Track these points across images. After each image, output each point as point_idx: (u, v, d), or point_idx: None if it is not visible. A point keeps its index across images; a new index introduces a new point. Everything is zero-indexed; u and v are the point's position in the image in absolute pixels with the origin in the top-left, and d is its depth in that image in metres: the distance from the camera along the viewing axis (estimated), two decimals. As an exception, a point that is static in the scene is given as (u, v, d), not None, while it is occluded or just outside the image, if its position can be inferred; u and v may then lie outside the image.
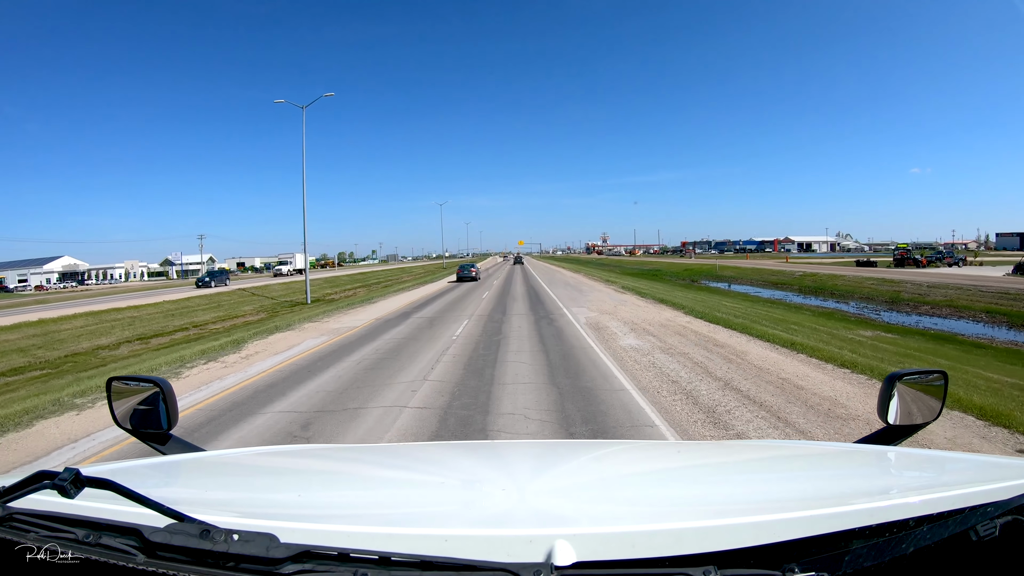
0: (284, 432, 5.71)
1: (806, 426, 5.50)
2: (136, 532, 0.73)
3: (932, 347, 11.87)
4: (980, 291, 22.41)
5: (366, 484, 1.34)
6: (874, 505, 0.84)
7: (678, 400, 6.54)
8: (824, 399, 6.41)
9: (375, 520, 0.95)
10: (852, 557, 0.73)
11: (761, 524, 0.78)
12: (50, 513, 0.78)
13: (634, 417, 5.88)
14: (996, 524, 0.74)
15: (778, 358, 8.82)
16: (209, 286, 40.39)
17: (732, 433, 5.36)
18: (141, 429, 1.51)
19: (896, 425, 1.44)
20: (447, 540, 0.76)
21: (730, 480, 1.33)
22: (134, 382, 1.57)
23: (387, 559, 0.70)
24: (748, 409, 6.08)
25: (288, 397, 7.18)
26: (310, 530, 0.78)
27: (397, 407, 6.43)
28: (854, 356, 8.79)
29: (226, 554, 0.70)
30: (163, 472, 1.33)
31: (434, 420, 5.94)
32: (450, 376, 8.02)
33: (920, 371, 1.55)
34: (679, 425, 5.63)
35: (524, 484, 1.22)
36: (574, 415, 5.97)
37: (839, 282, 30.43)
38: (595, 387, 7.17)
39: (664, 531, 0.80)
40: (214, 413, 6.49)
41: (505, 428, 5.61)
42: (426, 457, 1.67)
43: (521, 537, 0.77)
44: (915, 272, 36.00)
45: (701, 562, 0.71)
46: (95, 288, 63.24)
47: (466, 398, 6.79)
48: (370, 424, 5.89)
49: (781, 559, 0.73)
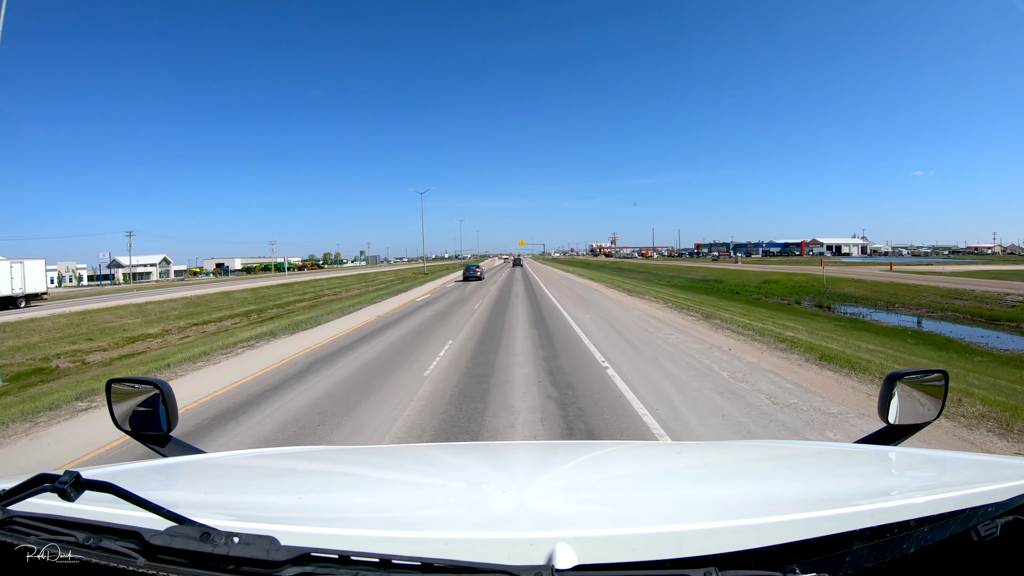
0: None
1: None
2: (136, 535, 0.73)
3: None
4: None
5: (366, 486, 1.34)
6: (875, 506, 0.84)
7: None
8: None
9: (375, 523, 0.95)
10: (853, 558, 0.73)
11: (763, 526, 0.78)
12: (50, 516, 0.78)
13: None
14: (997, 524, 0.74)
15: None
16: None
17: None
18: (141, 431, 1.50)
19: (897, 425, 1.44)
20: (448, 543, 0.76)
21: (731, 481, 1.33)
22: (134, 384, 1.56)
23: (387, 562, 0.70)
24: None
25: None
26: (310, 533, 0.78)
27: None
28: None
29: (226, 557, 0.70)
30: (163, 474, 1.33)
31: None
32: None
33: (920, 371, 1.56)
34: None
35: (524, 486, 1.21)
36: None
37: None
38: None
39: (665, 533, 0.79)
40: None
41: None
42: (426, 459, 1.67)
43: (522, 540, 0.77)
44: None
45: (702, 564, 0.71)
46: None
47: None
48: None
49: (783, 560, 0.73)
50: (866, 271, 41.37)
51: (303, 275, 74.86)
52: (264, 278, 67.22)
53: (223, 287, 42.20)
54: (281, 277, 67.25)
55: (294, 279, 58.06)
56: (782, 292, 28.86)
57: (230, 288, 40.11)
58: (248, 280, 62.01)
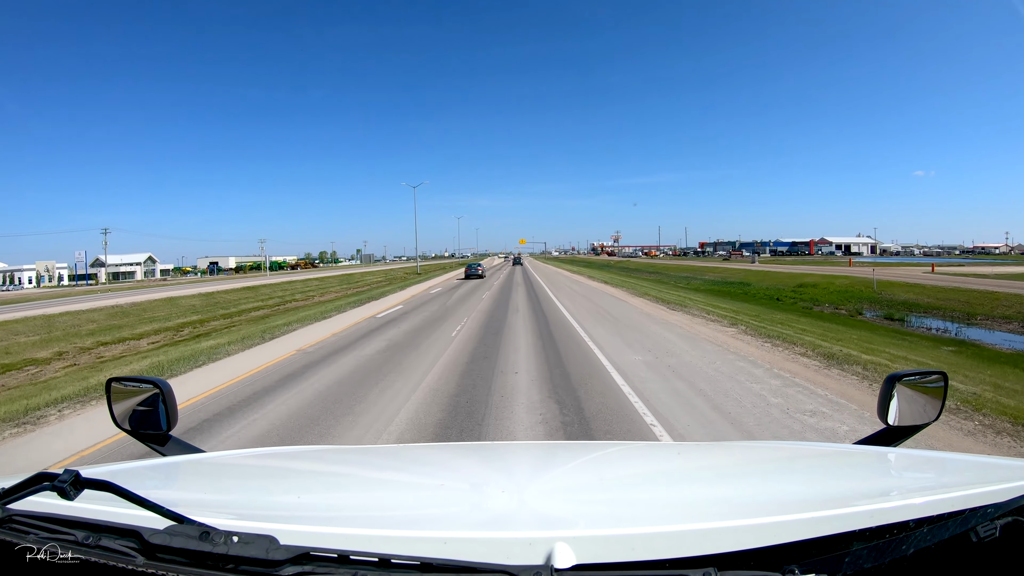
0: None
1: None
2: (135, 534, 0.73)
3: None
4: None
5: (365, 486, 1.34)
6: (874, 507, 0.84)
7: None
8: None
9: (375, 522, 0.95)
10: (852, 559, 0.73)
11: (762, 526, 0.78)
12: (50, 515, 0.78)
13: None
14: (996, 525, 0.74)
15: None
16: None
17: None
18: (140, 430, 1.50)
19: (896, 426, 1.44)
20: (447, 542, 0.76)
21: (730, 481, 1.33)
22: (134, 383, 1.56)
23: (387, 561, 0.70)
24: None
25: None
26: (309, 532, 0.78)
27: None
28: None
29: (225, 556, 0.70)
30: (162, 474, 1.33)
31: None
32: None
33: (920, 372, 1.56)
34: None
35: (524, 486, 1.21)
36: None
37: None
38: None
39: (664, 533, 0.79)
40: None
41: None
42: (426, 459, 1.67)
43: (521, 539, 0.77)
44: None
45: (701, 564, 0.71)
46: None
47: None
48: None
49: (781, 561, 0.73)
50: (906, 272, 34.78)
51: (292, 274, 72.79)
52: (248, 278, 64.56)
53: (191, 289, 36.76)
54: (264, 277, 63.43)
55: (279, 279, 54.98)
56: (830, 299, 23.22)
57: (194, 291, 33.94)
58: (231, 280, 58.18)
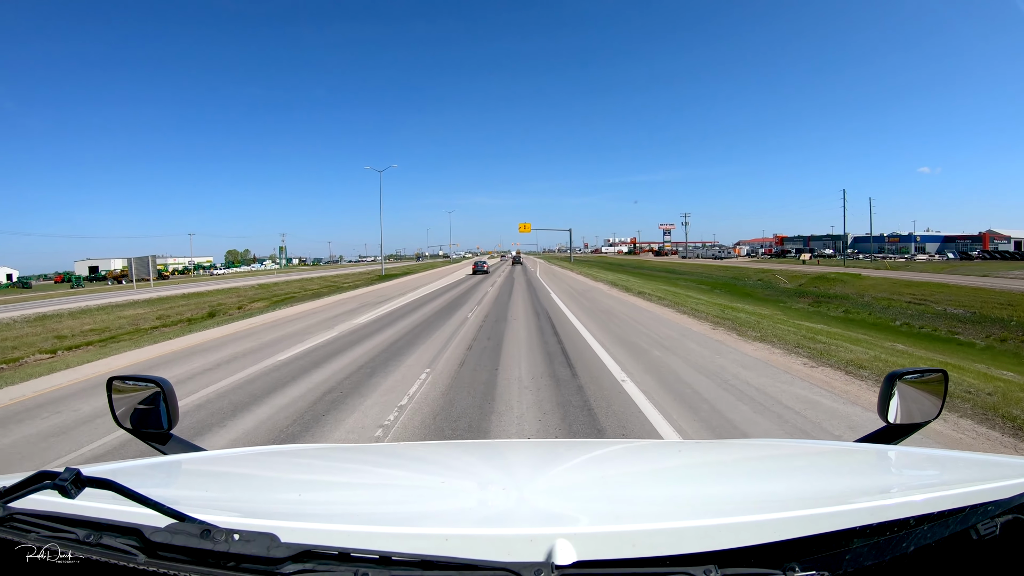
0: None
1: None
2: (137, 532, 0.73)
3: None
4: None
5: (366, 484, 1.34)
6: (875, 504, 0.84)
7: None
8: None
9: (376, 520, 0.95)
10: (853, 556, 0.73)
11: (762, 523, 0.78)
12: (51, 513, 0.78)
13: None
14: (997, 523, 0.74)
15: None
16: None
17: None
18: (141, 429, 1.51)
19: (896, 424, 1.45)
20: (448, 539, 0.76)
21: (731, 479, 1.33)
22: (134, 381, 1.56)
23: (388, 559, 0.70)
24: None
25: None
26: (311, 530, 0.78)
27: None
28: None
29: (227, 554, 0.70)
30: (163, 472, 1.33)
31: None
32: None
33: (920, 370, 1.56)
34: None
35: (524, 483, 1.22)
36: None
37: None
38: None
39: (664, 530, 0.80)
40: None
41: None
42: (427, 457, 1.67)
43: (522, 536, 0.77)
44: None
45: (702, 561, 0.71)
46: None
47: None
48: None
49: (782, 558, 0.73)
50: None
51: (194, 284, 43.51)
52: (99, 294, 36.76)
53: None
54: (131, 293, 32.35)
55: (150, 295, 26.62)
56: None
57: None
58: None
